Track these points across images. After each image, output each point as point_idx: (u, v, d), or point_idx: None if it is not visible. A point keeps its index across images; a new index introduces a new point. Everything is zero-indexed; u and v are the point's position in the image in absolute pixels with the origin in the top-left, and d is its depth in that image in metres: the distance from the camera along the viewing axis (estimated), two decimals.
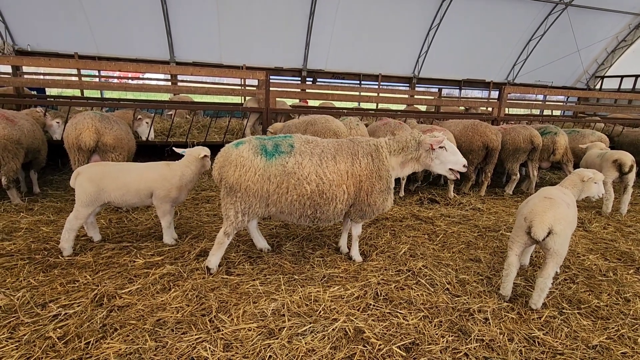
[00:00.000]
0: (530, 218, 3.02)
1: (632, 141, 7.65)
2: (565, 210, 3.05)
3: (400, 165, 3.58)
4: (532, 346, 2.71)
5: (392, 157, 3.54)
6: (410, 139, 3.51)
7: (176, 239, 4.03)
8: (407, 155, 3.53)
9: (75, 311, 2.76)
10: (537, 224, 2.96)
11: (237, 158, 3.17)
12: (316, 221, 3.44)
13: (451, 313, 3.01)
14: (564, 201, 3.16)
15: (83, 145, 4.57)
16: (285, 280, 3.35)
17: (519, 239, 3.13)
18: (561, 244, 2.98)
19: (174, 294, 3.04)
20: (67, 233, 3.55)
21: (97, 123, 4.68)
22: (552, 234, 2.94)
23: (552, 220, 2.95)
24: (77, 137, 4.57)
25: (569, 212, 3.09)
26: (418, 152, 3.50)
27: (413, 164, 3.58)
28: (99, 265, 3.45)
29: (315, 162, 3.24)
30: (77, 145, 4.60)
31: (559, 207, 3.03)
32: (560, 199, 3.17)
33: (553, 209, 3.01)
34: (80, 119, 4.69)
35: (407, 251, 4.05)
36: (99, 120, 4.72)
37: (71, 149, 4.68)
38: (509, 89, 8.09)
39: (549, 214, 2.97)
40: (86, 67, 7.30)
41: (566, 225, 2.99)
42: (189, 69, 6.66)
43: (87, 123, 4.63)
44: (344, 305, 3.03)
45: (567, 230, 3.01)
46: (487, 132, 6.05)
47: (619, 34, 19.43)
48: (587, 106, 14.14)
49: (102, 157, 4.82)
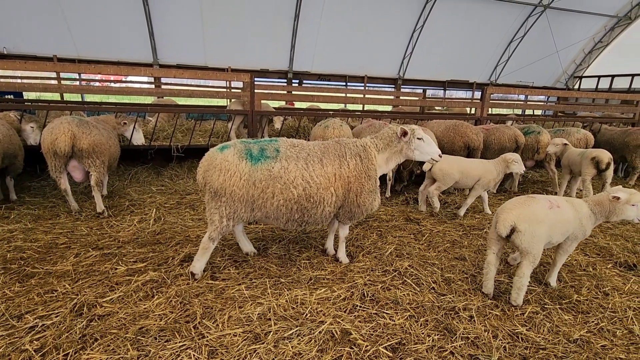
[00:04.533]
0: (497, 214, 3.06)
1: (609, 139, 7.89)
2: (538, 211, 2.98)
3: (385, 161, 3.66)
4: (516, 342, 2.75)
5: (379, 155, 3.61)
6: (392, 133, 3.60)
7: None
8: (392, 150, 3.61)
9: (53, 322, 2.67)
10: (500, 220, 3.00)
11: (222, 162, 3.13)
12: (304, 225, 3.42)
13: (437, 312, 3.03)
14: (546, 203, 3.07)
15: (58, 150, 4.44)
16: (271, 284, 3.32)
17: (492, 236, 3.16)
18: (529, 243, 2.95)
19: (157, 301, 2.98)
20: None
21: (74, 128, 4.54)
22: (517, 232, 2.94)
23: (516, 217, 2.95)
24: (53, 142, 4.44)
25: (546, 214, 3.00)
26: (400, 144, 3.59)
27: (396, 157, 3.66)
28: (79, 273, 3.35)
29: (301, 166, 3.23)
30: (53, 151, 4.47)
31: (529, 206, 3.00)
32: (542, 200, 3.09)
33: (522, 207, 2.99)
34: (57, 123, 4.56)
35: (393, 251, 4.07)
36: (76, 125, 4.58)
37: (47, 154, 4.54)
38: (491, 90, 8.24)
39: (514, 212, 2.97)
40: (64, 70, 7.09)
41: (535, 225, 2.93)
42: (171, 72, 6.56)
43: (64, 128, 4.49)
44: (331, 307, 3.02)
45: (537, 230, 2.94)
46: (468, 132, 6.15)
47: (595, 35, 20.06)
48: (567, 105, 14.54)
49: (79, 162, 4.69)
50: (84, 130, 4.61)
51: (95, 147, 4.69)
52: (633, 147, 7.34)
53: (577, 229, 3.22)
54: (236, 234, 3.86)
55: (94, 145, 4.68)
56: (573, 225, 3.19)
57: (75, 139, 4.53)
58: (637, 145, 7.28)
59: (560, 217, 3.10)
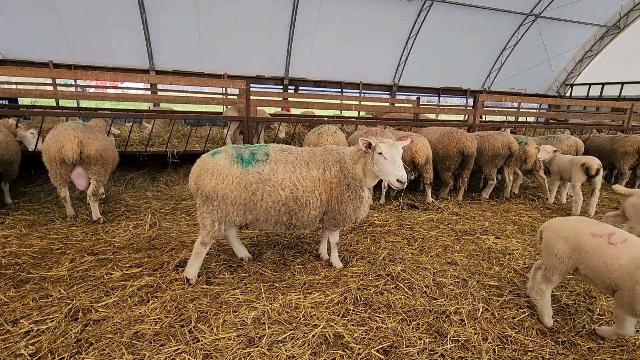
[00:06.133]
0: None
1: (597, 146, 8.05)
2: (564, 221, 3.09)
3: (362, 172, 3.42)
4: (505, 345, 2.81)
5: (355, 165, 3.45)
6: (359, 144, 3.35)
7: None
8: (363, 161, 3.39)
9: (48, 327, 2.69)
10: None
11: (214, 166, 3.19)
12: (292, 228, 3.47)
13: (428, 315, 3.09)
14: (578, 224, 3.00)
15: (67, 158, 4.36)
16: (265, 288, 3.36)
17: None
18: (544, 249, 3.10)
19: (152, 305, 3.01)
20: None
21: (80, 134, 4.47)
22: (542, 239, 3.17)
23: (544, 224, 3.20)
24: (60, 151, 4.34)
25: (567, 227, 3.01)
26: (366, 156, 3.35)
27: (367, 170, 3.37)
28: (74, 279, 3.37)
29: (289, 169, 3.32)
30: (60, 159, 4.38)
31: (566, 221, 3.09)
32: (579, 221, 3.04)
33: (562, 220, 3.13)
34: (62, 130, 4.47)
35: (386, 256, 4.13)
36: (81, 131, 4.52)
37: (52, 162, 4.43)
38: (483, 97, 8.39)
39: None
40: (60, 76, 7.11)
41: (553, 236, 3.01)
42: (167, 78, 6.61)
43: (69, 135, 4.40)
44: (324, 311, 3.06)
45: (553, 241, 2.99)
46: (463, 139, 6.26)
47: (585, 44, 20.48)
48: (558, 113, 14.78)
49: (85, 169, 4.62)
50: (90, 136, 4.56)
51: (103, 153, 4.65)
52: (620, 153, 7.50)
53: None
54: (230, 240, 3.90)
55: (102, 151, 4.62)
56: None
57: (82, 146, 4.45)
58: (625, 151, 7.44)
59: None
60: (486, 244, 4.62)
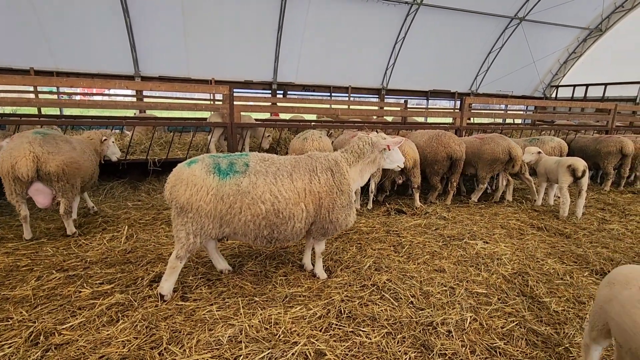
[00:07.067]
0: None
1: (582, 147, 8.08)
2: None
3: (359, 173, 3.64)
4: (494, 357, 2.70)
5: (351, 168, 3.56)
6: (363, 144, 3.60)
7: None
8: (364, 161, 3.61)
9: (5, 353, 2.49)
10: None
11: (189, 177, 3.03)
12: (274, 242, 3.31)
13: (414, 328, 2.96)
14: None
15: (20, 176, 3.89)
16: (244, 303, 3.20)
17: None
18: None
19: (122, 325, 2.82)
20: None
21: (37, 148, 3.94)
22: None
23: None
24: (13, 167, 3.87)
25: None
26: (373, 154, 3.62)
27: (370, 167, 3.68)
28: (39, 298, 3.16)
29: (269, 181, 3.15)
30: (13, 176, 3.92)
31: None
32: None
33: None
34: (18, 143, 3.96)
35: (372, 265, 4.00)
36: (39, 144, 3.98)
37: (5, 178, 3.96)
38: (470, 99, 8.38)
39: None
40: (37, 83, 6.88)
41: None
42: (148, 84, 6.42)
43: (24, 149, 3.88)
44: (306, 326, 2.91)
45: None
46: (451, 143, 6.17)
47: (569, 46, 20.83)
48: (544, 114, 14.93)
49: (46, 185, 4.17)
50: (50, 150, 4.05)
51: (66, 168, 4.15)
52: (604, 153, 7.53)
53: None
54: (209, 252, 3.73)
55: (64, 166, 4.13)
56: None
57: (40, 162, 3.96)
58: (608, 152, 7.47)
59: None
60: (474, 249, 4.52)
